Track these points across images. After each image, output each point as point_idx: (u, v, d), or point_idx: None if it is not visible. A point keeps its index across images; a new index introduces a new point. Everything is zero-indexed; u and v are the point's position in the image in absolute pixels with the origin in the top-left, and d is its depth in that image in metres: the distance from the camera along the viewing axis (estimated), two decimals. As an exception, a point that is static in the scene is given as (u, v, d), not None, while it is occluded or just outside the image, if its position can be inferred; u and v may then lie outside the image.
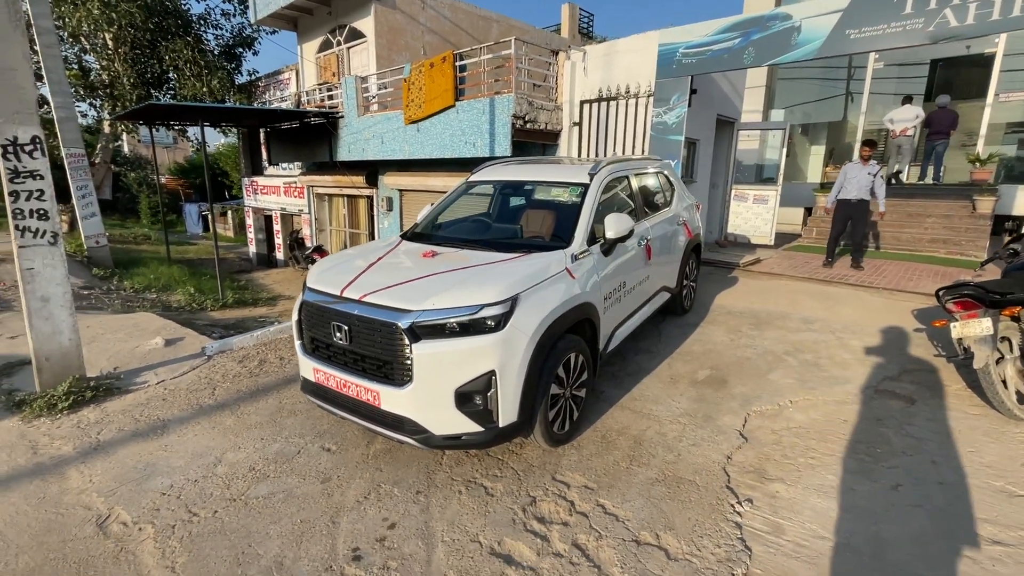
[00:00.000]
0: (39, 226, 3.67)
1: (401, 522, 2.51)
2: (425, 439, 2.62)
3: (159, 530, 2.46)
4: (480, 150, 7.61)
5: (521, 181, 4.14)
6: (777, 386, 3.85)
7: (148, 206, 26.48)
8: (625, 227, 3.39)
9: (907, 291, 5.84)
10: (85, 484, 2.82)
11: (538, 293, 2.78)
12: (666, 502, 2.64)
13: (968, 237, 8.50)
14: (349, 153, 10.25)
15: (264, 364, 4.49)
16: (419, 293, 2.66)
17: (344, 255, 3.54)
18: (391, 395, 2.63)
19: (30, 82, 3.55)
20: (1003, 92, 9.82)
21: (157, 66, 14.05)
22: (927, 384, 3.79)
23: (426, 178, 9.85)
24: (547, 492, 2.73)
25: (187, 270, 11.41)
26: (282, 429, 3.39)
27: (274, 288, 11.57)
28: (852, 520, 2.48)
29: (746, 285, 6.41)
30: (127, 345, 4.95)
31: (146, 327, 5.60)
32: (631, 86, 7.14)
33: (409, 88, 8.58)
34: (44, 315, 3.77)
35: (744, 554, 2.30)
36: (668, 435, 3.26)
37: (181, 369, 4.38)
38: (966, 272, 6.89)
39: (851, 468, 2.88)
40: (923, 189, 10.07)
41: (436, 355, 2.53)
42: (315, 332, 2.97)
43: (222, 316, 8.50)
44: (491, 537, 2.41)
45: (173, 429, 3.41)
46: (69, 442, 3.25)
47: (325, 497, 2.70)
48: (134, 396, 3.90)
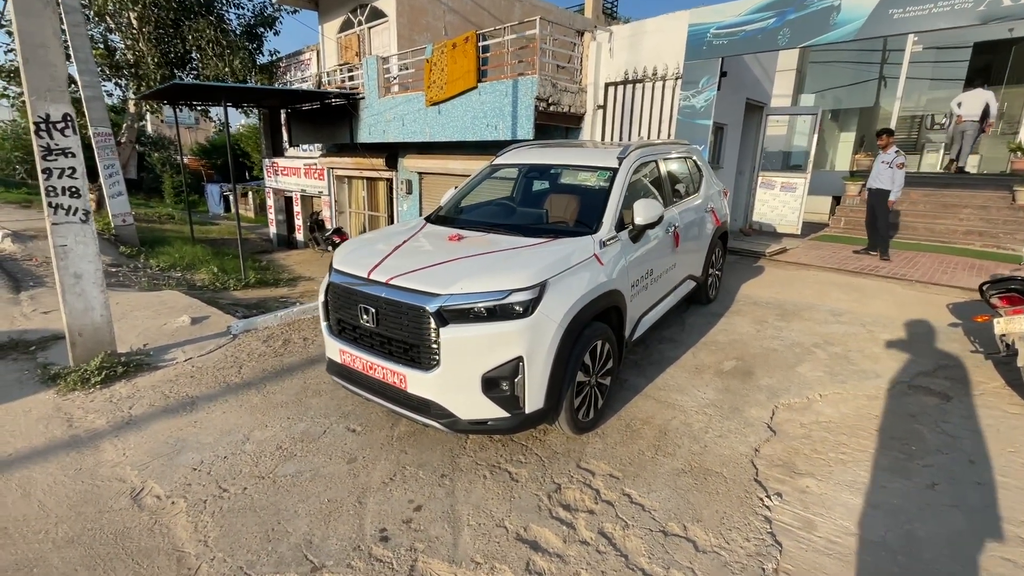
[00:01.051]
0: (71, 203, 3.72)
1: (427, 504, 2.52)
2: (451, 423, 2.62)
3: (191, 504, 2.51)
4: (502, 133, 7.51)
5: (547, 165, 4.06)
6: (806, 379, 3.77)
7: (171, 186, 26.89)
8: (654, 213, 3.32)
9: (941, 284, 5.65)
10: (119, 457, 2.89)
11: (566, 279, 2.74)
12: (693, 493, 2.61)
13: (1006, 230, 8.19)
14: (370, 135, 10.21)
15: (288, 344, 4.54)
16: (447, 277, 2.63)
17: (369, 237, 3.52)
18: (418, 378, 2.62)
19: (61, 59, 3.56)
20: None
21: (180, 46, 14.11)
22: (963, 381, 3.67)
23: (446, 161, 9.79)
24: (572, 480, 2.71)
25: (210, 250, 11.58)
26: (307, 409, 3.42)
27: (295, 269, 11.69)
28: (885, 518, 2.42)
29: (772, 275, 6.27)
30: (155, 322, 5.04)
31: (173, 305, 5.69)
32: (658, 68, 6.95)
33: (431, 69, 8.47)
34: (77, 291, 3.84)
35: (774, 549, 2.26)
36: (694, 426, 3.22)
37: (208, 347, 4.45)
38: (1004, 266, 6.64)
39: (884, 465, 2.81)
40: (960, 179, 9.71)
41: (464, 339, 2.51)
42: (342, 314, 2.97)
43: (244, 296, 8.64)
44: (517, 523, 2.41)
45: (201, 406, 3.47)
46: (103, 416, 3.33)
47: (351, 477, 2.72)
48: (163, 372, 3.97)
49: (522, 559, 2.20)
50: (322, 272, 11.32)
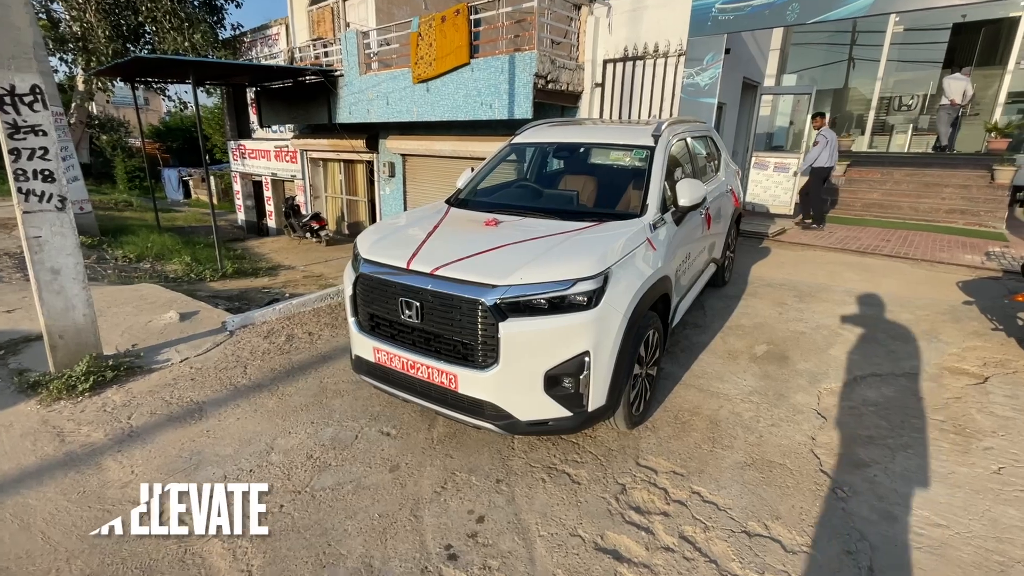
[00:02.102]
0: (44, 188, 3.27)
1: (489, 515, 2.32)
2: (509, 425, 2.41)
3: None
4: (498, 112, 7.19)
5: (577, 144, 3.82)
6: (841, 362, 3.72)
7: (124, 171, 25.24)
8: (699, 194, 3.15)
9: (945, 263, 5.74)
10: (127, 476, 2.56)
11: (628, 267, 2.54)
12: (763, 488, 2.49)
13: (987, 208, 8.43)
14: (350, 115, 9.67)
15: (293, 340, 4.21)
16: (501, 266, 2.39)
17: (392, 223, 3.23)
18: (471, 378, 2.39)
19: (26, 21, 3.08)
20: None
21: (133, 18, 13.03)
22: (993, 360, 3.68)
23: (433, 142, 9.38)
24: (635, 479, 2.55)
25: (179, 238, 10.87)
26: (331, 411, 3.14)
27: (272, 257, 11.12)
28: (963, 506, 2.36)
29: (779, 256, 6.25)
30: (139, 319, 4.60)
31: (154, 300, 5.23)
32: (660, 45, 6.74)
33: (418, 44, 8.02)
34: (55, 288, 3.41)
35: (863, 544, 2.17)
36: (744, 415, 3.10)
37: (204, 345, 4.08)
38: (993, 243, 6.83)
39: (944, 449, 2.76)
40: (940, 158, 9.95)
41: (525, 335, 2.29)
42: (376, 308, 2.69)
43: (222, 287, 8.12)
44: (591, 531, 2.23)
45: (211, 412, 3.14)
46: (98, 428, 2.96)
47: (398, 487, 2.49)
48: (159, 376, 3.60)
49: (607, 572, 2.03)
50: (302, 260, 10.82)
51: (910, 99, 13.13)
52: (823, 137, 7.57)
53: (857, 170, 10.11)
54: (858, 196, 9.58)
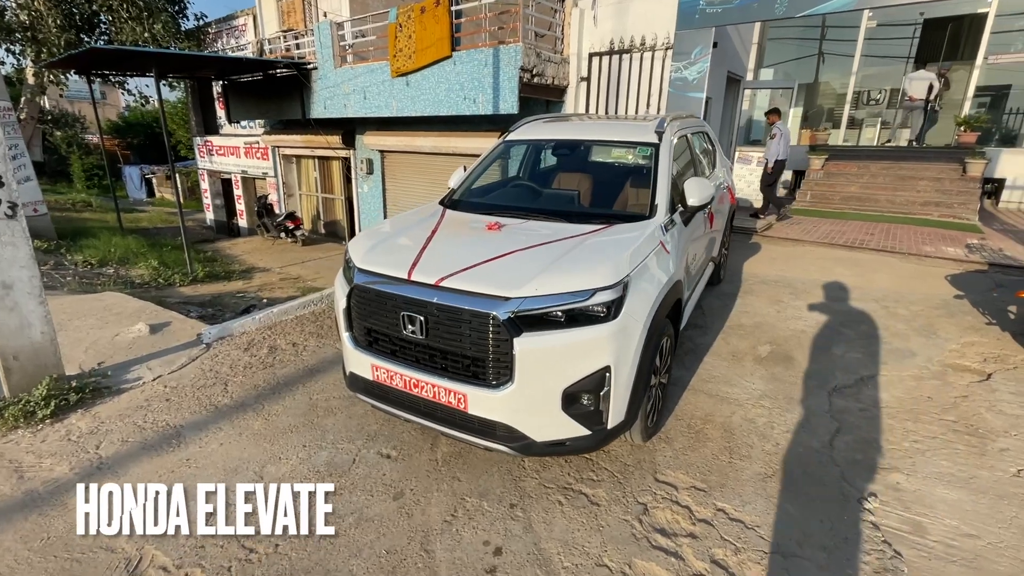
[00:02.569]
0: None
1: (507, 546, 2.15)
2: (523, 447, 2.24)
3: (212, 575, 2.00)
4: (482, 107, 6.96)
5: (577, 141, 3.65)
6: (845, 362, 3.67)
7: (82, 169, 24.04)
8: (708, 193, 3.03)
9: (930, 256, 5.80)
10: (98, 516, 2.30)
11: (645, 273, 2.39)
12: (789, 502, 2.39)
13: (960, 200, 8.63)
14: (325, 110, 9.29)
15: (276, 352, 3.95)
16: (513, 275, 2.21)
17: (386, 227, 3.01)
18: (483, 398, 2.21)
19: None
20: (992, 55, 9.87)
21: (87, 7, 12.26)
22: (993, 356, 3.69)
23: (413, 138, 9.09)
24: (656, 497, 2.42)
25: (144, 241, 10.33)
26: (324, 432, 2.92)
27: (245, 259, 10.66)
28: (990, 512, 2.30)
29: (769, 252, 6.23)
30: (104, 333, 4.25)
31: (120, 310, 4.86)
32: (647, 38, 6.62)
33: (396, 36, 7.71)
34: (7, 305, 3.07)
35: (897, 561, 2.08)
36: (757, 421, 3.01)
37: (178, 361, 3.78)
38: (969, 236, 6.96)
39: (960, 452, 2.71)
40: (914, 152, 10.16)
41: (542, 351, 2.12)
42: (374, 323, 2.48)
43: (194, 292, 7.72)
44: (618, 559, 2.08)
45: (191, 437, 2.88)
46: (63, 460, 2.68)
47: (405, 518, 2.29)
48: (130, 397, 3.30)
49: (640, 606, 1.89)
50: (278, 261, 10.40)
51: (878, 94, 13.41)
52: (778, 131, 7.76)
53: (835, 164, 10.24)
54: (837, 189, 9.70)
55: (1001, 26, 9.76)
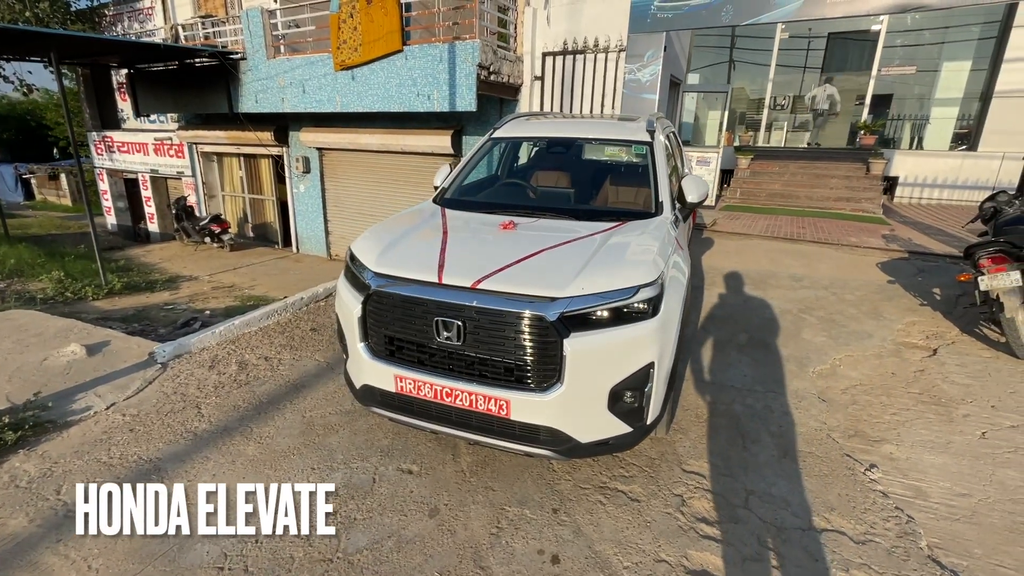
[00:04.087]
0: None
1: (561, 552, 2.09)
2: (569, 449, 2.19)
3: (248, 625, 1.77)
4: (437, 104, 6.78)
5: (571, 139, 3.64)
6: (815, 345, 3.97)
7: (-63, 168, 20.58)
8: (704, 190, 3.14)
9: (860, 247, 6.44)
10: (84, 575, 1.95)
11: (673, 269, 2.43)
12: (807, 479, 2.54)
13: (866, 196, 9.66)
14: (257, 103, 8.61)
15: (247, 368, 3.59)
16: (554, 275, 2.16)
17: (389, 229, 2.81)
18: (528, 403, 2.13)
19: None
20: (884, 67, 11.15)
21: (-51, -23, 10.49)
22: (932, 334, 4.15)
23: (357, 135, 8.67)
24: (689, 488, 2.47)
25: (39, 250, 9.01)
26: (331, 452, 2.69)
27: (166, 268, 9.64)
28: (972, 472, 2.58)
29: (722, 246, 6.61)
30: (29, 358, 3.65)
31: (40, 330, 4.19)
32: (600, 39, 6.77)
33: (339, 27, 7.30)
34: (-81, 331, 2.53)
35: (912, 524, 2.27)
36: (755, 407, 3.17)
37: (133, 385, 3.32)
38: (880, 227, 7.81)
39: (933, 420, 3.02)
40: (825, 152, 11.25)
41: (593, 351, 2.08)
42: (398, 330, 2.31)
43: (112, 306, 6.87)
44: (673, 552, 2.10)
45: (173, 470, 2.53)
46: (16, 512, 2.25)
47: (448, 535, 2.16)
48: (82, 430, 2.85)
49: (709, 597, 1.91)
50: (205, 269, 9.50)
51: (783, 99, 14.74)
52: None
53: (759, 163, 11.09)
54: (762, 187, 10.51)
55: (891, 41, 11.06)
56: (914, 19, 10.98)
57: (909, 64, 11.24)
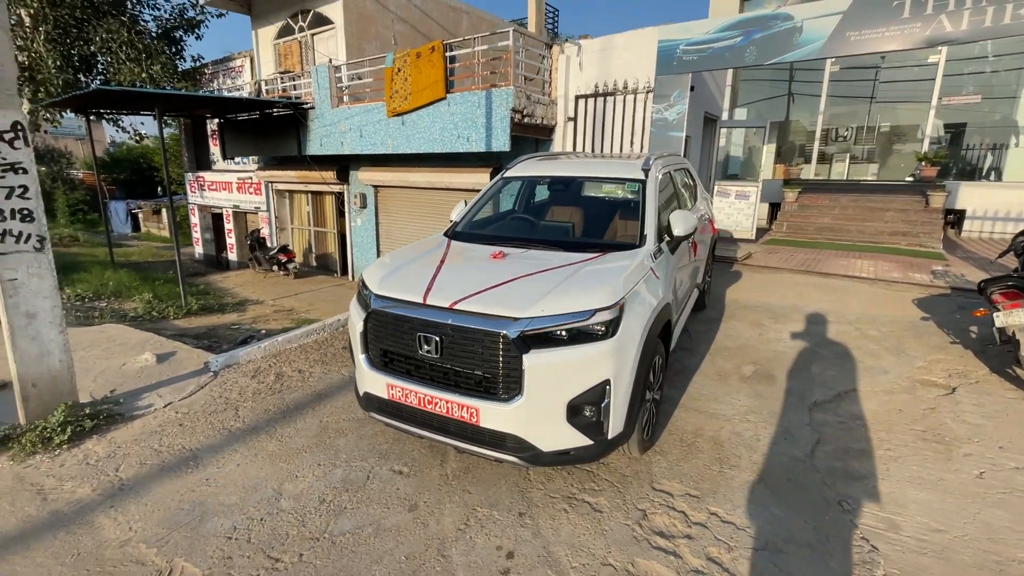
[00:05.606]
0: (23, 229, 3.10)
1: (518, 550, 2.30)
2: (532, 457, 2.42)
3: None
4: (475, 145, 7.34)
5: (571, 177, 3.96)
6: (823, 379, 3.93)
7: (66, 204, 23.99)
8: (691, 224, 3.32)
9: (900, 282, 6.19)
10: (125, 534, 2.40)
11: (639, 296, 2.65)
12: (775, 506, 2.59)
13: (925, 229, 9.18)
14: (322, 147, 9.62)
15: (283, 378, 4.08)
16: (520, 298, 2.45)
17: (397, 257, 3.23)
18: (494, 411, 2.40)
19: (10, 58, 2.98)
20: (945, 96, 10.68)
21: (85, 48, 12.60)
22: (957, 372, 3.98)
23: (407, 174, 9.43)
24: (654, 504, 2.60)
25: (136, 275, 10.36)
26: (337, 452, 3.05)
27: (237, 292, 10.73)
28: (956, 510, 2.53)
29: (750, 279, 6.57)
30: (112, 363, 4.35)
31: (124, 341, 4.96)
32: (629, 82, 7.11)
33: (392, 79, 8.14)
34: (30, 334, 3.20)
35: (875, 554, 2.28)
36: (744, 435, 3.22)
37: (188, 388, 3.89)
38: (935, 263, 7.41)
39: (929, 458, 2.95)
40: (881, 185, 10.80)
41: (549, 366, 2.33)
42: (390, 344, 2.68)
43: (189, 324, 7.78)
44: (621, 559, 2.25)
45: (208, 459, 2.99)
46: (84, 483, 2.77)
47: (421, 527, 2.44)
48: (143, 423, 3.40)
49: (644, 599, 2.05)
50: (270, 294, 10.49)
51: (845, 131, 14.28)
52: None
53: (808, 196, 10.82)
54: (811, 220, 10.23)
55: (952, 70, 10.60)
56: (983, 47, 10.52)
57: (975, 93, 10.69)
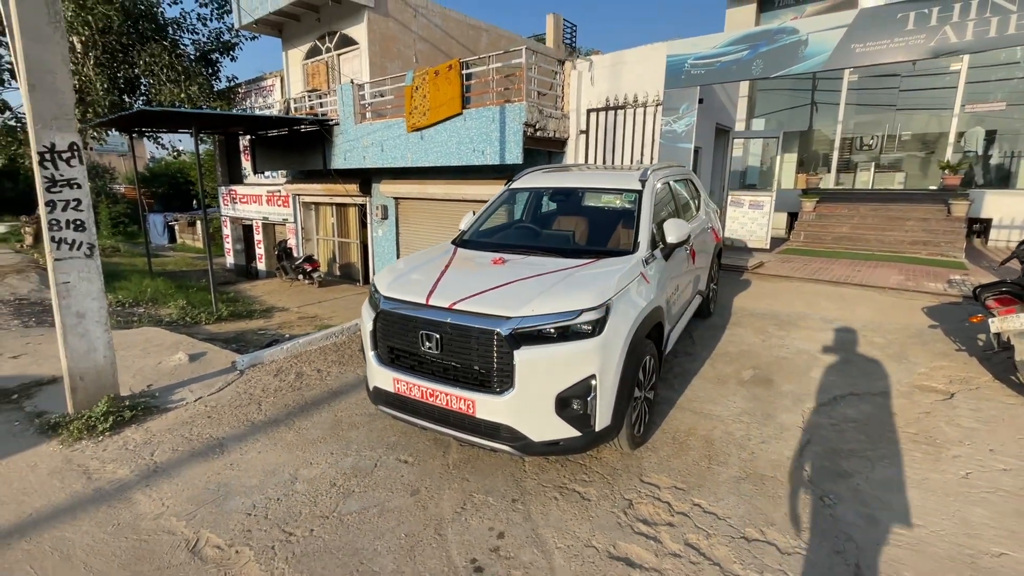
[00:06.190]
0: (75, 237, 3.47)
1: (508, 531, 2.49)
2: (524, 446, 2.61)
3: (259, 552, 2.36)
4: (489, 158, 7.62)
5: (572, 188, 4.18)
6: (822, 383, 4.01)
7: (109, 216, 25.29)
8: (684, 232, 3.48)
9: (911, 290, 6.17)
10: (159, 508, 2.68)
11: (626, 298, 2.82)
12: (757, 499, 2.71)
13: (946, 239, 9.04)
14: (345, 161, 10.07)
15: (302, 377, 4.36)
16: (513, 299, 2.66)
17: (406, 263, 3.48)
18: (488, 403, 2.61)
19: (69, 86, 3.37)
20: (968, 103, 10.53)
21: (129, 71, 13.50)
22: (959, 378, 4.01)
23: (425, 186, 9.79)
24: (641, 495, 2.75)
25: (171, 283, 10.96)
26: (349, 443, 3.30)
27: (265, 300, 11.22)
28: (937, 508, 2.60)
29: (759, 287, 6.63)
30: (149, 361, 4.71)
31: (160, 342, 5.34)
32: (639, 95, 7.31)
33: (412, 96, 8.52)
34: (79, 332, 3.56)
35: (850, 544, 2.38)
36: (735, 434, 3.34)
37: (216, 385, 4.21)
38: (954, 272, 7.32)
39: (917, 459, 3.02)
40: (902, 194, 10.67)
41: (538, 361, 2.53)
42: (396, 342, 2.92)
43: (218, 330, 8.22)
44: (603, 541, 2.41)
45: (232, 447, 3.27)
46: (123, 465, 3.07)
47: (420, 510, 2.65)
48: (176, 414, 3.72)
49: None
50: (295, 302, 10.95)
51: (871, 139, 14.12)
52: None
53: (826, 205, 10.76)
54: (829, 230, 10.17)
55: (977, 77, 10.45)
56: (1010, 53, 10.34)
57: (1000, 100, 10.50)
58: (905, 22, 5.35)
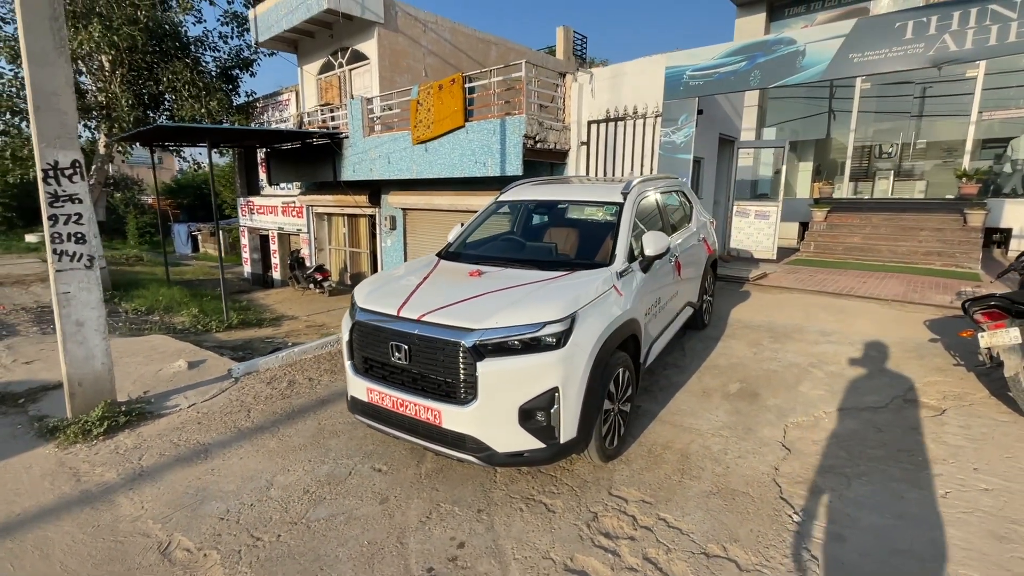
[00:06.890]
0: (76, 249, 3.65)
1: (469, 541, 2.52)
2: (488, 457, 2.64)
3: (225, 556, 2.44)
4: (491, 169, 7.72)
5: (555, 201, 4.23)
6: (809, 398, 3.94)
7: (136, 227, 26.21)
8: (663, 244, 3.49)
9: (915, 303, 6.03)
10: (138, 511, 2.78)
11: (593, 310, 2.85)
12: (725, 514, 2.69)
13: (961, 250, 8.80)
14: (354, 173, 10.30)
15: (294, 385, 4.47)
16: (479, 312, 2.70)
17: (387, 275, 3.57)
18: (453, 413, 2.65)
19: (72, 107, 3.56)
20: (985, 111, 10.27)
21: (154, 87, 14.04)
22: (952, 394, 3.90)
23: (431, 197, 9.93)
24: (607, 507, 2.75)
25: (187, 291, 11.29)
26: (328, 451, 3.37)
27: (276, 308, 11.47)
28: (908, 528, 2.55)
29: (758, 299, 6.55)
30: (150, 368, 4.88)
31: (164, 350, 5.53)
32: (639, 107, 7.34)
33: (417, 109, 8.70)
34: (78, 339, 3.72)
35: (812, 563, 2.35)
36: (713, 448, 3.31)
37: (210, 392, 4.34)
38: (966, 283, 7.12)
39: (897, 476, 2.96)
40: (916, 203, 10.43)
41: (501, 372, 2.57)
42: (369, 352, 2.99)
43: (228, 337, 8.43)
44: (562, 553, 2.42)
45: (216, 453, 3.37)
46: (111, 469, 3.20)
47: (387, 518, 2.69)
48: (168, 420, 3.85)
49: (575, 590, 2.22)
50: (305, 310, 11.17)
51: (889, 147, 13.84)
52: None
53: (838, 215, 10.58)
54: (839, 240, 9.99)
55: (990, 84, 10.20)
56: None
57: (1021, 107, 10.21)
58: (903, 31, 5.29)
